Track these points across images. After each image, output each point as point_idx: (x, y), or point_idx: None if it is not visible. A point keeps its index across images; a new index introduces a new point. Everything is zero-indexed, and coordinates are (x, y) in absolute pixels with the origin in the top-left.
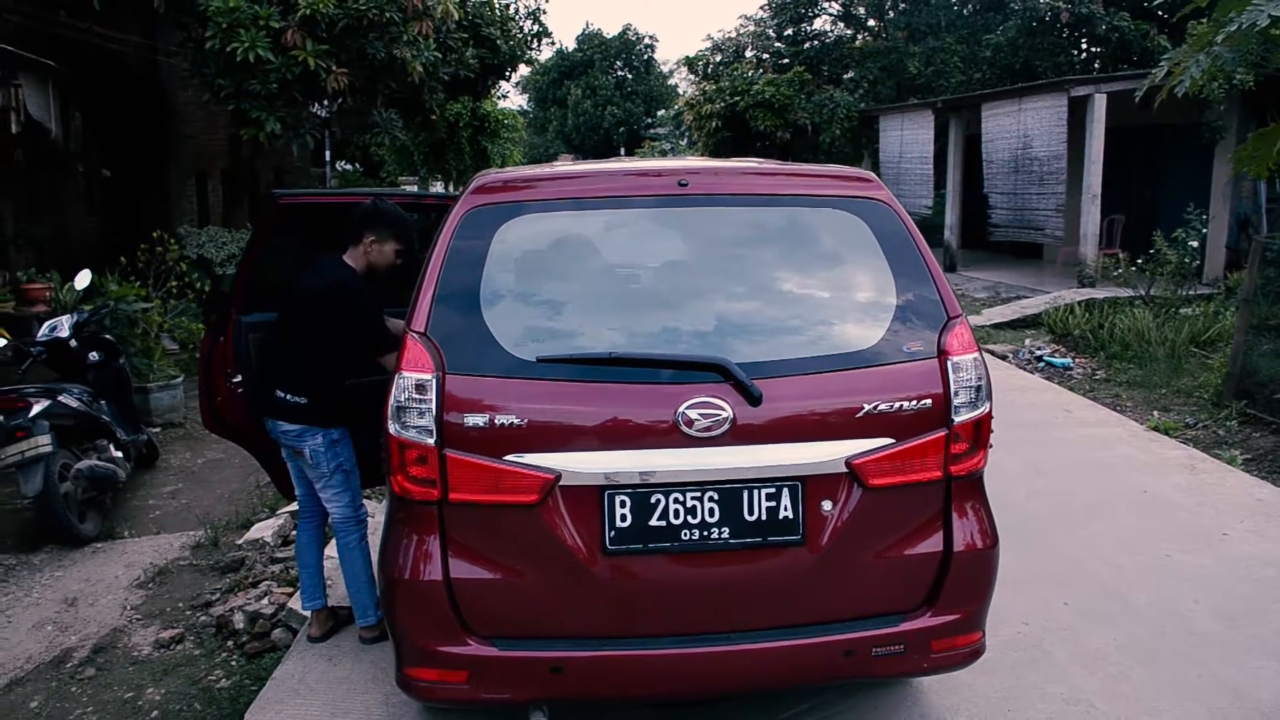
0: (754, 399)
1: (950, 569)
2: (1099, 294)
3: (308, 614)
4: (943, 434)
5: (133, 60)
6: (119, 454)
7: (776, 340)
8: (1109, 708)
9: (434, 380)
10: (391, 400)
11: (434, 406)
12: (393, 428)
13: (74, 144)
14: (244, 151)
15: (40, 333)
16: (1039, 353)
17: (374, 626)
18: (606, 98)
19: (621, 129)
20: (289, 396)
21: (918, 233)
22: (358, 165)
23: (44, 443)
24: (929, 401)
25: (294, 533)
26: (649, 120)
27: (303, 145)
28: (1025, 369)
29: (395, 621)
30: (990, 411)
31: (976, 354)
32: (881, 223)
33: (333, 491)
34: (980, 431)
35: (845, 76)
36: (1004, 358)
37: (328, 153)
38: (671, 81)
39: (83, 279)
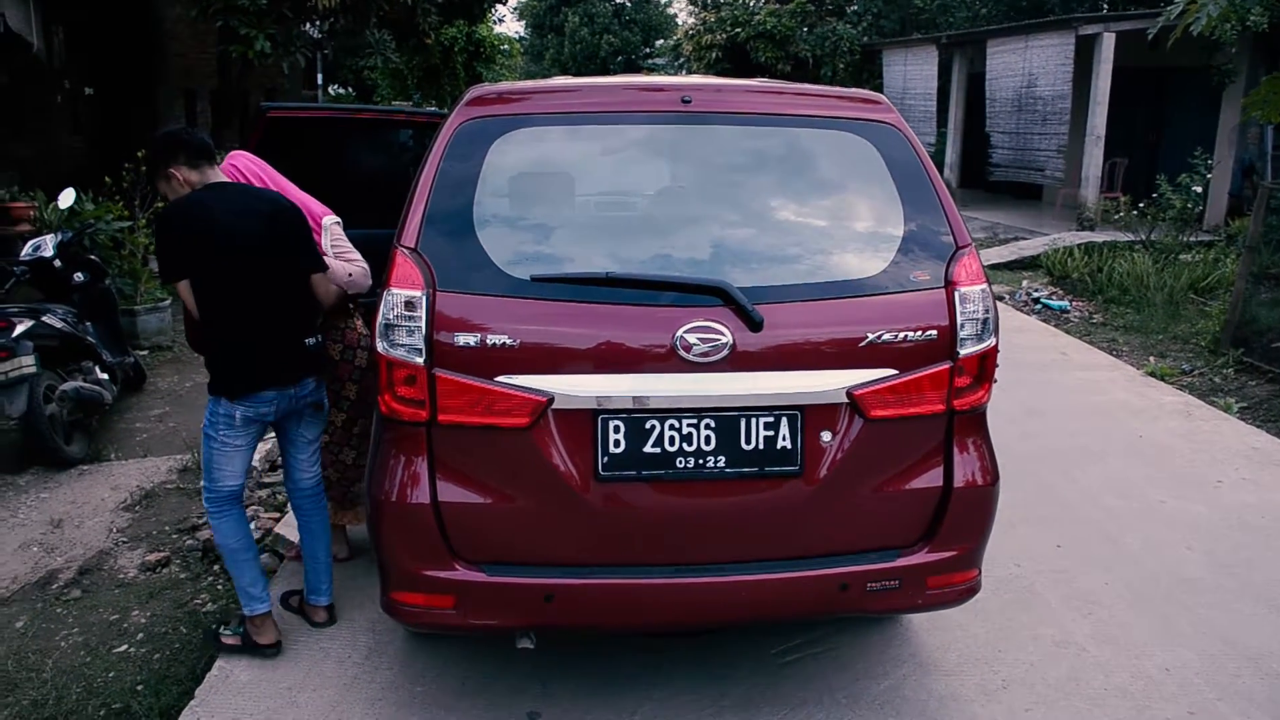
0: (755, 324)
1: (949, 505)
2: (1098, 237)
3: (253, 616)
4: (947, 366)
5: None
6: (105, 376)
7: (779, 265)
8: (1099, 651)
9: (424, 297)
10: (380, 318)
11: (423, 324)
12: (381, 346)
13: (57, 60)
14: (233, 71)
15: (24, 252)
16: (1036, 295)
17: (330, 607)
18: (604, 25)
19: (619, 58)
20: (314, 340)
21: (928, 158)
22: (350, 89)
23: (28, 363)
24: (934, 333)
25: (280, 458)
26: (647, 50)
27: (294, 65)
28: (1022, 310)
29: (381, 545)
30: (996, 345)
31: (985, 285)
32: (891, 147)
33: (317, 448)
34: (985, 365)
35: (849, 9)
36: (1001, 299)
37: (319, 75)
38: (670, 10)
39: (66, 198)
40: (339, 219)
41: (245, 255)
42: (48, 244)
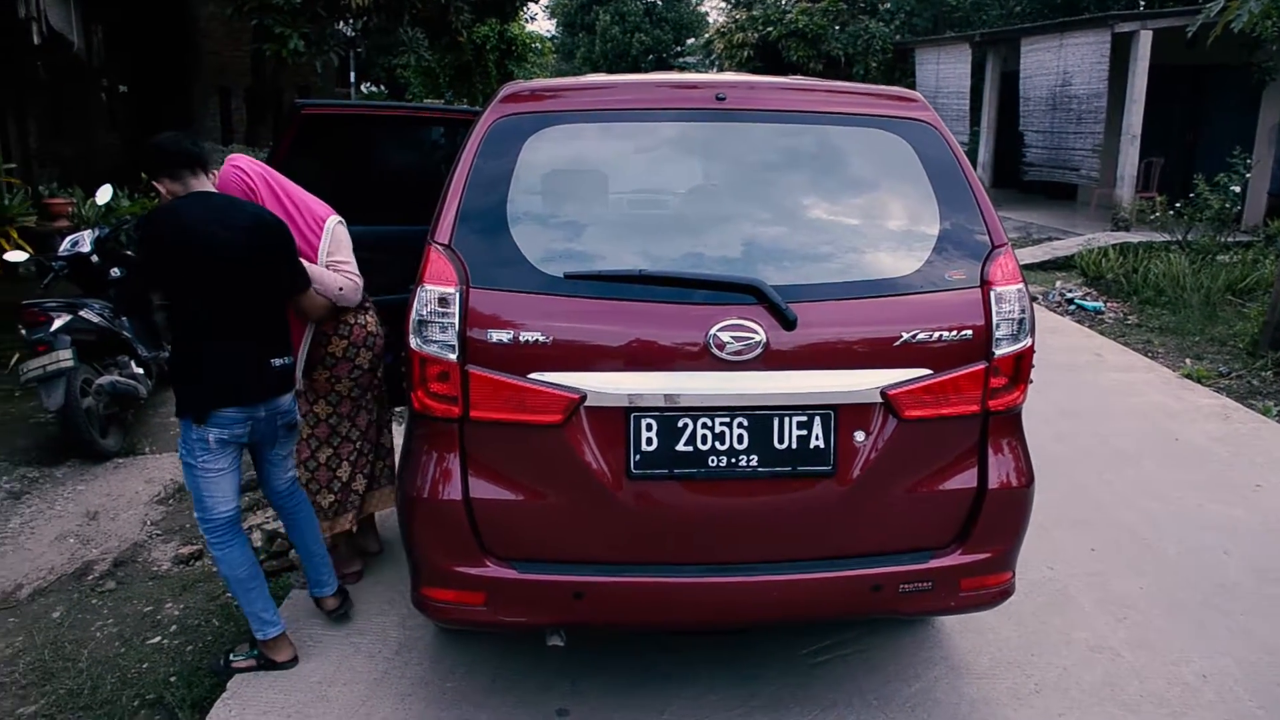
0: (789, 323)
1: (983, 506)
2: (1133, 238)
3: (266, 640)
4: (982, 367)
5: None
6: (140, 370)
7: (813, 263)
8: (1134, 657)
9: (457, 294)
10: (413, 314)
11: (457, 321)
12: (414, 342)
13: (96, 58)
14: (267, 69)
15: (62, 248)
16: (1070, 295)
17: (338, 594)
18: (635, 24)
19: (650, 57)
20: (282, 361)
21: (964, 156)
22: (383, 87)
23: (65, 357)
24: (969, 333)
25: (254, 469)
26: (678, 49)
27: (327, 64)
28: (1055, 311)
29: (412, 541)
30: (1032, 345)
31: (1020, 285)
32: (927, 145)
33: (292, 457)
34: (1021, 366)
35: (881, 7)
36: (1034, 299)
37: (352, 73)
38: (702, 9)
39: (104, 194)
40: (342, 219)
41: (216, 268)
42: (85, 239)
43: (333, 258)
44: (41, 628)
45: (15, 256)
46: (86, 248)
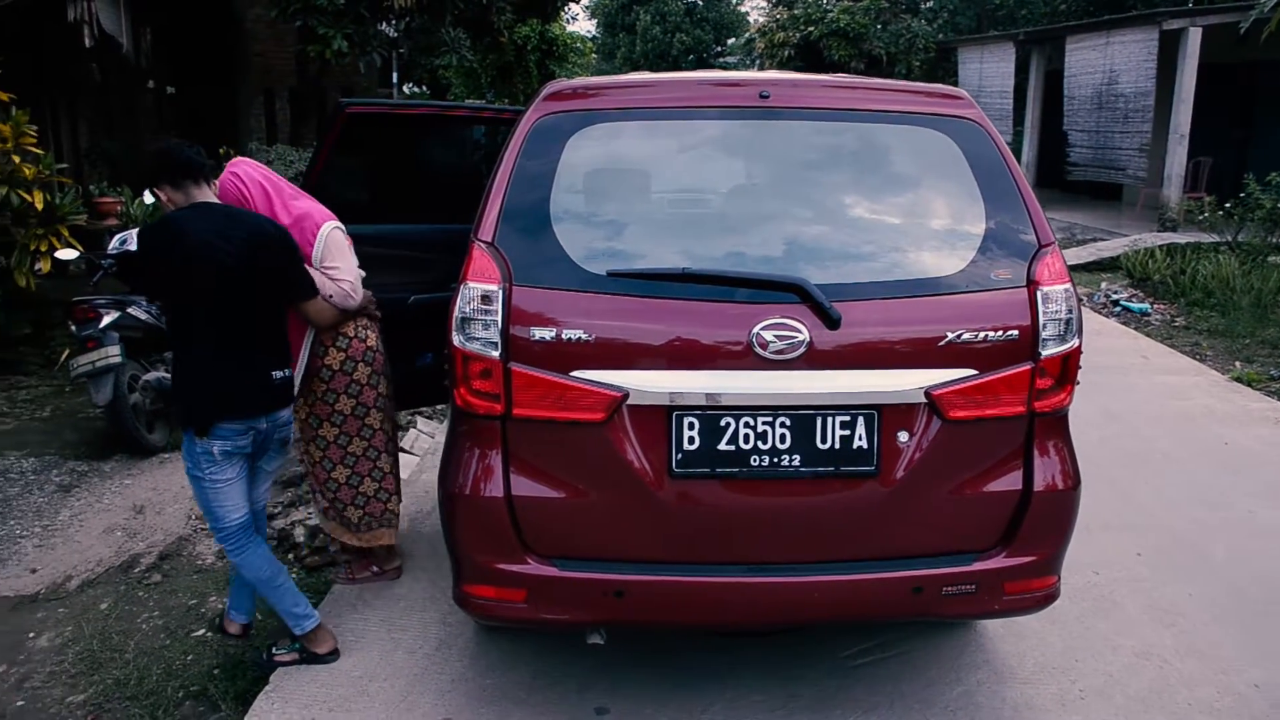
0: (832, 322)
1: (1029, 509)
2: (1181, 238)
3: (304, 634)
4: (1028, 367)
5: None
6: None
7: (857, 262)
8: (1183, 664)
9: (500, 291)
10: (456, 311)
11: (500, 319)
12: (456, 339)
13: (144, 60)
14: (311, 70)
15: (111, 246)
16: (1116, 297)
17: (245, 627)
18: (676, 24)
19: (690, 57)
20: (283, 373)
21: (1010, 155)
22: (425, 88)
23: (114, 353)
24: (1015, 333)
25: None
26: (719, 49)
27: (370, 64)
28: (1101, 313)
29: (454, 538)
30: (1080, 346)
31: (1068, 285)
32: (972, 143)
33: (272, 479)
34: (1068, 367)
35: (924, 5)
36: (1080, 300)
37: (395, 74)
38: (743, 8)
39: (151, 194)
40: (340, 225)
41: (217, 281)
42: (133, 238)
43: (325, 264)
44: (90, 618)
45: (66, 254)
46: (134, 246)
